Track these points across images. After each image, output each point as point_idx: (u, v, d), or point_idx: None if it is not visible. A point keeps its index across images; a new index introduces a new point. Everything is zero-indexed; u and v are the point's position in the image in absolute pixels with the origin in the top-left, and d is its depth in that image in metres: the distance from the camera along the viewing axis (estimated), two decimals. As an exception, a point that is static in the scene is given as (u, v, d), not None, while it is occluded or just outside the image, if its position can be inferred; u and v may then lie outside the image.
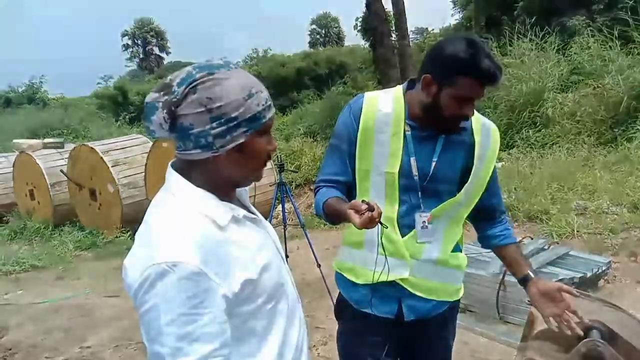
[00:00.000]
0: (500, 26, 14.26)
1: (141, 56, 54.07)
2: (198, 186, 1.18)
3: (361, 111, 1.79)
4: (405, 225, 1.79)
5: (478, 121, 1.83)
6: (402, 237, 1.79)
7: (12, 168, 9.00)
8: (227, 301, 1.10)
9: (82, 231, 8.02)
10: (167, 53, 55.28)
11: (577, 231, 5.65)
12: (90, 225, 8.03)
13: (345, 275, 1.90)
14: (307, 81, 29.30)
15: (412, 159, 1.76)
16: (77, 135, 16.65)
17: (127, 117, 22.20)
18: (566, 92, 10.44)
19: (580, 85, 10.52)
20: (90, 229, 7.96)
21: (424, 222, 1.78)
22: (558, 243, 5.31)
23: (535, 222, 6.18)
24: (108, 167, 7.43)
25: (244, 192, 1.34)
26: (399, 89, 1.82)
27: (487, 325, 3.93)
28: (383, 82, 14.17)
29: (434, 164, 1.77)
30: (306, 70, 30.14)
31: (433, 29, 29.17)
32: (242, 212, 1.23)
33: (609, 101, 9.32)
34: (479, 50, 1.58)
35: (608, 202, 6.36)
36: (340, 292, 1.96)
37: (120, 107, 26.79)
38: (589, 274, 4.18)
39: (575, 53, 11.28)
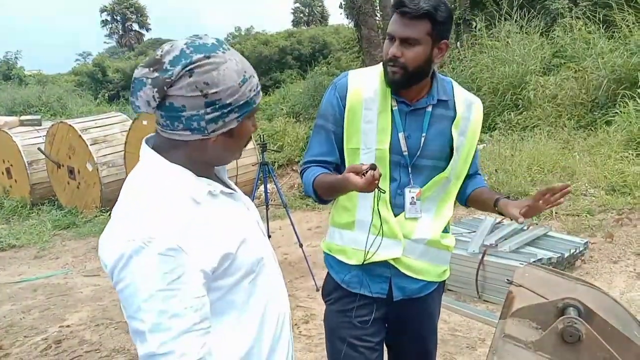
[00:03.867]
0: (485, 7, 14.23)
1: (120, 32, 53.00)
2: (175, 163, 1.16)
3: (347, 89, 1.77)
4: (397, 204, 1.78)
5: (460, 95, 1.84)
6: (395, 216, 1.78)
7: (-13, 145, 8.81)
8: (205, 275, 1.10)
9: (61, 210, 7.92)
10: (147, 30, 54.29)
11: (556, 212, 5.74)
12: (68, 204, 7.92)
13: (336, 256, 1.88)
14: (290, 60, 29.06)
15: (401, 135, 1.75)
16: (55, 113, 16.34)
17: (106, 94, 21.88)
18: (548, 75, 10.51)
19: (562, 68, 10.59)
20: (69, 208, 7.86)
21: (413, 197, 1.77)
22: (537, 224, 5.38)
23: (515, 203, 6.24)
24: (87, 146, 7.31)
25: (222, 168, 1.33)
26: (380, 65, 1.80)
27: (466, 304, 3.99)
28: (367, 62, 14.10)
29: (423, 138, 1.76)
30: (289, 49, 29.87)
31: (417, 10, 28.98)
32: (218, 187, 1.22)
33: (590, 85, 9.42)
34: None
35: (586, 185, 6.46)
36: (328, 273, 1.94)
37: (99, 84, 26.35)
38: (566, 255, 4.25)
39: (558, 36, 11.34)
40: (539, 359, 1.51)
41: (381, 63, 1.79)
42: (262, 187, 5.30)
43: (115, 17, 52.62)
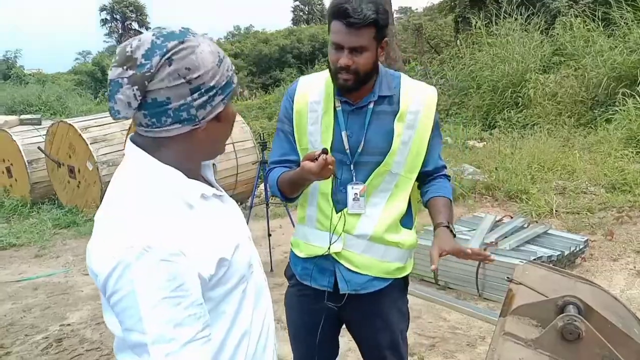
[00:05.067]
0: (485, 5, 14.22)
1: (120, 31, 52.92)
2: (166, 164, 1.10)
3: (295, 93, 1.87)
4: (339, 201, 1.83)
5: (408, 88, 1.83)
6: (337, 212, 1.82)
7: (-13, 145, 8.80)
8: (202, 282, 1.05)
9: (61, 209, 7.91)
10: (147, 28, 54.15)
11: (556, 210, 5.74)
12: (69, 203, 7.92)
13: (293, 249, 1.99)
14: (290, 59, 29.07)
15: (344, 133, 1.80)
16: (55, 112, 16.33)
17: (106, 93, 21.84)
18: (548, 73, 10.52)
19: (562, 66, 10.60)
20: (69, 207, 7.84)
21: (356, 194, 1.80)
22: (537, 222, 5.39)
23: (515, 201, 6.26)
24: (87, 145, 7.30)
25: (208, 169, 1.27)
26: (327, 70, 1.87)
27: (466, 302, 3.99)
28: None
29: (364, 136, 1.79)
30: (289, 47, 29.87)
31: (417, 9, 29.05)
32: (210, 190, 1.17)
33: (590, 82, 9.43)
34: None
35: (586, 182, 6.46)
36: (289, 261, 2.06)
37: (99, 83, 26.34)
38: (566, 252, 4.26)
39: (558, 34, 11.33)
40: (539, 356, 1.51)
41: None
42: (262, 186, 5.30)
43: (114, 15, 52.54)
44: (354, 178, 1.81)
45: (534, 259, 3.74)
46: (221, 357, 1.13)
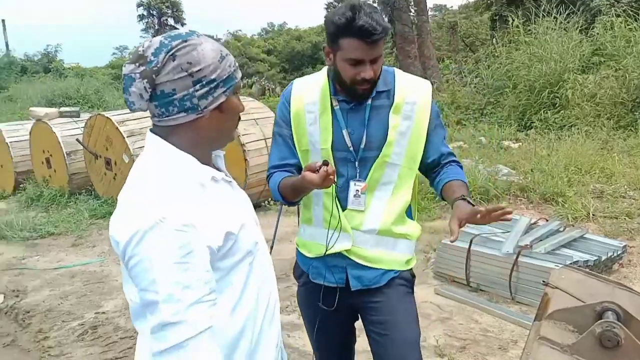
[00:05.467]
0: (523, 4, 13.95)
1: (156, 27, 53.78)
2: (178, 149, 1.25)
3: (290, 96, 1.90)
4: (344, 198, 1.86)
5: (402, 82, 1.86)
6: (342, 210, 1.85)
7: (28, 136, 9.08)
8: (211, 252, 1.18)
9: (98, 200, 8.10)
10: (182, 24, 54.87)
11: (593, 214, 5.60)
12: (105, 194, 8.11)
13: (300, 250, 2.01)
14: (322, 56, 29.09)
15: (345, 131, 1.83)
16: (92, 105, 16.73)
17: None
18: (587, 74, 10.26)
19: (601, 66, 10.32)
20: (106, 198, 8.03)
21: (358, 190, 1.83)
22: (573, 225, 5.27)
23: (551, 204, 6.14)
24: (124, 138, 7.46)
25: (220, 159, 1.40)
26: (324, 70, 1.91)
27: (499, 304, 3.94)
28: (400, 58, 14.00)
29: (365, 132, 1.82)
30: (322, 44, 29.87)
31: (452, 6, 28.69)
32: (219, 174, 1.31)
33: (630, 84, 9.17)
34: (356, 10, 1.64)
35: (625, 186, 6.29)
36: (297, 261, 2.08)
37: (136, 78, 26.80)
38: (603, 258, 4.15)
39: (598, 33, 11.05)
40: (575, 362, 1.48)
41: (325, 69, 1.90)
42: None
43: (151, 11, 53.33)
44: (358, 175, 1.84)
45: (570, 263, 3.67)
46: (231, 325, 1.26)
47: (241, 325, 1.28)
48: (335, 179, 1.65)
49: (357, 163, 1.84)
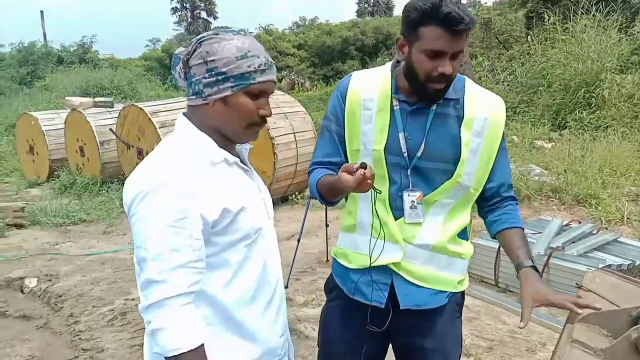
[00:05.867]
0: (560, 0, 13.62)
1: (189, 20, 54.38)
2: (199, 129, 1.34)
3: (347, 90, 1.71)
4: (398, 207, 1.68)
5: (474, 94, 1.68)
6: (396, 219, 1.67)
7: (64, 124, 9.29)
8: (204, 223, 1.24)
9: (129, 189, 8.27)
10: (215, 18, 55.38)
11: (627, 218, 5.46)
12: (136, 183, 8.27)
13: (339, 260, 1.82)
14: (353, 51, 28.96)
15: (401, 135, 1.65)
16: (125, 96, 17.02)
17: (173, 79, 22.55)
18: (625, 74, 9.96)
19: (641, 66, 10.02)
20: (136, 187, 8.19)
21: (413, 201, 1.66)
22: (607, 228, 5.14)
23: (584, 206, 6.00)
24: (156, 128, 7.57)
25: (244, 149, 1.48)
26: (387, 65, 1.73)
27: (526, 306, 3.87)
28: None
29: (424, 139, 1.64)
30: (352, 39, 29.75)
31: (486, 2, 28.21)
32: (233, 158, 1.37)
33: (672, 84, 8.86)
34: None
35: (662, 190, 6.10)
36: (332, 272, 1.89)
37: (167, 70, 27.16)
38: (637, 262, 4.04)
39: (638, 32, 10.72)
40: (609, 367, 1.45)
41: (388, 63, 1.74)
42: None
43: (184, 4, 53.97)
44: (410, 184, 1.66)
45: (603, 267, 3.58)
46: (224, 300, 1.32)
47: (232, 303, 1.34)
48: (374, 185, 1.48)
49: (409, 171, 1.66)
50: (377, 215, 1.65)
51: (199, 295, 1.27)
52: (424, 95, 1.61)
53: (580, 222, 4.99)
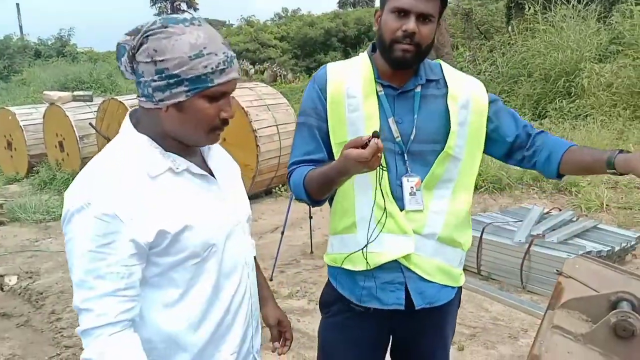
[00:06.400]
0: (540, -10, 13.72)
1: (169, 12, 53.72)
2: (145, 134, 1.20)
3: (326, 81, 1.63)
4: (399, 197, 1.59)
5: (452, 74, 1.69)
6: (400, 209, 1.58)
7: (42, 119, 9.14)
8: (137, 247, 1.13)
9: (110, 184, 8.18)
10: (195, 9, 54.69)
11: (607, 205, 5.56)
12: (117, 178, 8.18)
13: (343, 266, 1.65)
14: (335, 42, 28.90)
15: (391, 120, 1.59)
16: (105, 90, 16.80)
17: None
18: (604, 63, 10.09)
19: (619, 55, 10.15)
20: (118, 182, 8.11)
21: (412, 187, 1.58)
22: (587, 216, 5.23)
23: (564, 194, 6.09)
24: (136, 122, 7.51)
25: (206, 149, 1.32)
26: (363, 54, 1.69)
27: (510, 293, 3.92)
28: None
29: (415, 121, 1.60)
30: (335, 31, 29.67)
31: (467, -7, 28.28)
32: (185, 166, 1.22)
33: (649, 73, 9.00)
34: None
35: (640, 177, 6.21)
36: (329, 283, 1.75)
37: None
38: (616, 248, 4.11)
39: (616, 22, 10.85)
40: (589, 352, 1.47)
41: (363, 53, 1.69)
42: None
43: (164, -4, 53.27)
44: (408, 169, 1.59)
45: (583, 253, 3.63)
46: (169, 323, 1.21)
47: (178, 326, 1.22)
48: (382, 163, 1.38)
49: (405, 156, 1.59)
50: (381, 208, 1.56)
51: (140, 318, 1.18)
52: (392, 60, 1.55)
53: (560, 210, 5.05)
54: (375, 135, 1.30)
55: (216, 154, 1.36)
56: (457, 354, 3.14)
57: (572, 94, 9.71)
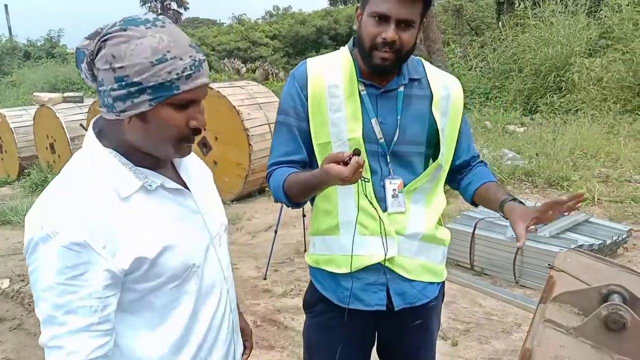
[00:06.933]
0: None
1: (159, 11, 53.50)
2: (112, 148, 1.09)
3: (306, 78, 1.57)
4: (382, 198, 1.57)
5: (434, 73, 1.65)
6: (384, 211, 1.57)
7: (32, 121, 9.08)
8: (112, 276, 1.03)
9: (102, 185, 8.13)
10: (185, 9, 54.55)
11: (598, 199, 5.59)
12: (109, 179, 8.14)
13: (324, 268, 1.64)
14: (326, 40, 28.85)
15: (374, 120, 1.55)
16: (95, 90, 16.71)
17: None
18: (594, 57, 10.16)
19: (608, 50, 10.22)
20: (110, 183, 8.07)
21: (395, 190, 1.56)
22: (578, 210, 5.25)
23: (556, 188, 6.12)
24: (127, 122, 7.47)
25: (179, 161, 1.23)
26: (344, 49, 1.64)
27: (503, 288, 3.94)
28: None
29: (398, 122, 1.56)
30: (326, 29, 29.63)
31: (458, -11, 28.33)
32: (158, 181, 1.12)
33: (638, 67, 9.07)
34: None
35: (631, 171, 6.27)
36: (312, 284, 1.73)
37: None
38: (608, 241, 4.14)
39: (605, 16, 10.91)
40: (581, 344, 1.48)
41: (344, 48, 1.65)
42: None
43: (154, -5, 53.00)
44: (391, 171, 1.57)
45: (575, 247, 3.66)
46: (148, 350, 1.13)
47: (157, 352, 1.13)
48: (364, 174, 1.36)
49: (388, 158, 1.57)
50: (364, 211, 1.54)
51: (116, 347, 1.08)
52: (371, 66, 1.51)
53: (552, 204, 5.08)
54: (356, 153, 1.28)
55: (187, 161, 1.25)
56: (451, 349, 3.15)
57: (563, 89, 9.77)
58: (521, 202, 1.55)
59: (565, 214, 1.52)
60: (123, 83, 1.01)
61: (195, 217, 1.20)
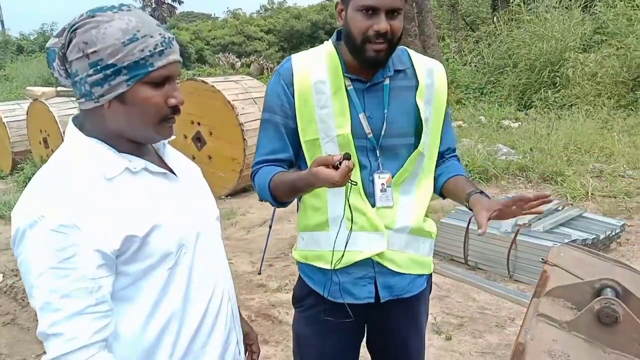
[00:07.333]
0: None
1: (153, 5, 53.19)
2: (92, 137, 1.10)
3: (292, 75, 1.57)
4: (371, 194, 1.58)
5: (419, 62, 1.64)
6: (373, 206, 1.58)
7: (25, 115, 9.03)
8: (104, 257, 1.03)
9: (95, 180, 8.10)
10: (180, 2, 54.32)
11: (592, 194, 5.61)
12: (103, 174, 8.11)
13: (313, 264, 1.65)
14: (322, 35, 28.79)
15: (361, 115, 1.55)
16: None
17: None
18: (588, 52, 10.19)
19: (603, 45, 10.25)
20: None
21: (383, 184, 1.57)
22: (572, 205, 5.27)
23: (550, 183, 6.14)
24: (121, 117, 7.44)
25: (162, 147, 1.25)
26: (328, 43, 1.63)
27: (496, 283, 3.95)
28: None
29: (385, 116, 1.57)
30: (321, 23, 29.58)
31: (453, -16, 28.32)
32: (142, 164, 1.13)
33: (632, 63, 9.11)
34: None
35: (625, 166, 6.29)
36: (301, 279, 1.74)
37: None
38: (601, 236, 4.16)
39: (600, 11, 10.94)
40: (574, 339, 1.48)
41: (328, 42, 1.64)
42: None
43: (148, -11, 52.68)
44: (380, 166, 1.58)
45: (568, 242, 3.67)
46: (145, 336, 1.12)
47: (154, 338, 1.13)
48: (352, 178, 1.35)
49: (377, 152, 1.57)
50: (353, 206, 1.52)
51: (114, 336, 1.08)
52: (364, 60, 1.50)
53: (546, 199, 5.10)
54: (346, 157, 1.28)
55: (173, 154, 1.28)
56: (444, 343, 3.16)
57: (557, 84, 9.79)
58: (487, 196, 1.55)
59: (531, 212, 1.52)
60: (98, 67, 1.03)
61: (183, 201, 1.20)
